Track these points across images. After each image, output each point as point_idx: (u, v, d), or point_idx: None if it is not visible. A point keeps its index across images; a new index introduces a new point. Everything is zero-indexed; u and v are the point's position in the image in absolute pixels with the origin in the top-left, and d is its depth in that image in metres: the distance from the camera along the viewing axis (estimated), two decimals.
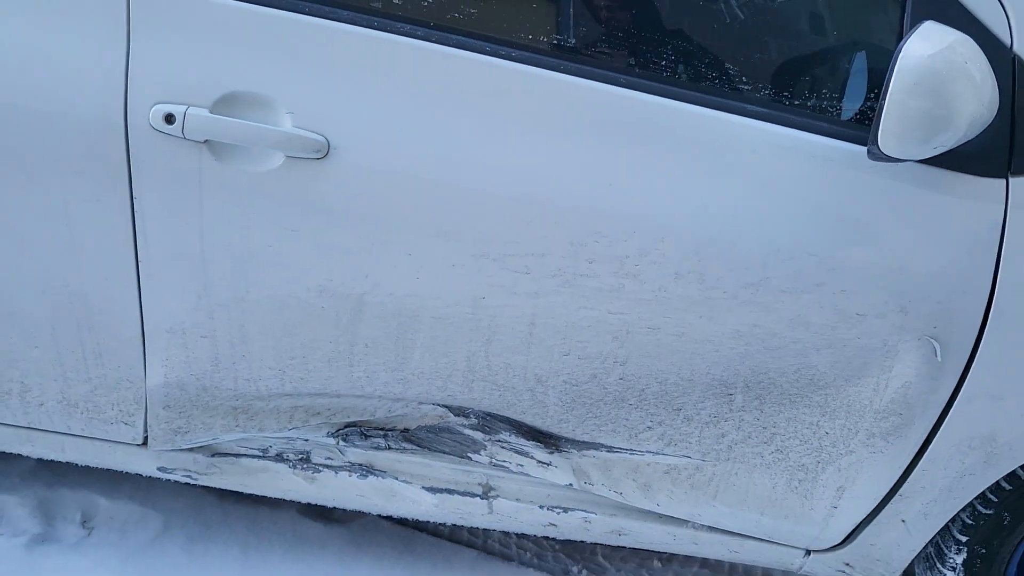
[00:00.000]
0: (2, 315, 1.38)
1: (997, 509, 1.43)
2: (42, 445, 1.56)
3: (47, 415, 1.49)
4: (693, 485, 1.49)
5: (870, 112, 1.24)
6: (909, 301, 1.25)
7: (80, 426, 1.51)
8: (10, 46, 1.21)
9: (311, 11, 1.21)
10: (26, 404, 1.48)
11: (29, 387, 1.46)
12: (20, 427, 1.53)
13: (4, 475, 1.78)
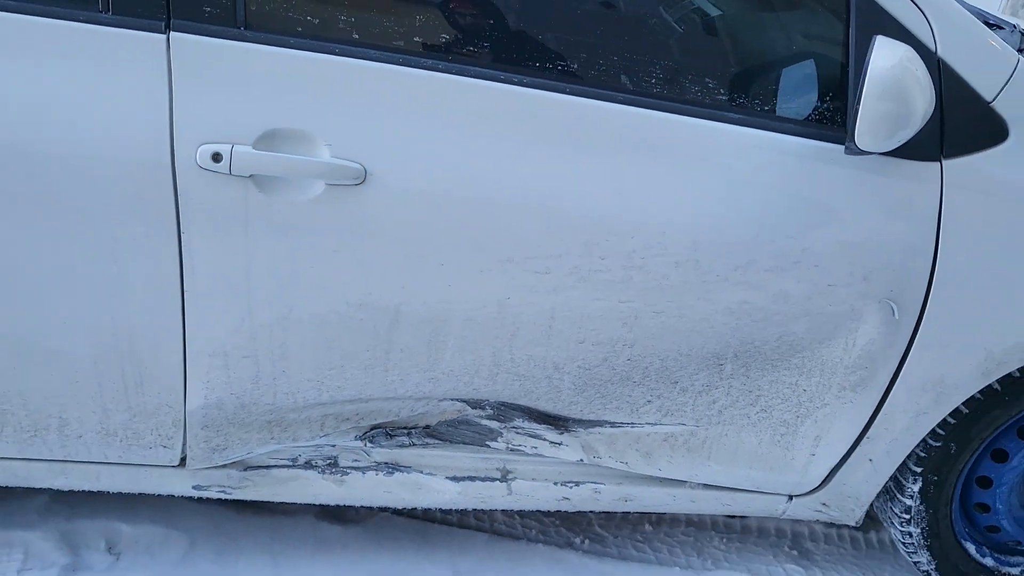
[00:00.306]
0: (45, 354, 1.44)
1: (945, 441, 1.67)
2: (76, 476, 1.62)
3: (85, 446, 1.56)
4: (689, 449, 1.68)
5: (826, 112, 1.46)
6: (870, 270, 1.47)
7: (118, 454, 1.58)
8: (58, 98, 1.28)
9: (341, 52, 1.33)
10: (64, 438, 1.54)
11: (68, 421, 1.52)
12: (55, 461, 1.59)
13: (20, 512, 1.81)
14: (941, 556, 1.80)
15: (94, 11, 1.29)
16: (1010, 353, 1.55)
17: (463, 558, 1.84)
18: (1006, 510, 1.78)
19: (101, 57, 1.29)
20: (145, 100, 1.30)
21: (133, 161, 1.31)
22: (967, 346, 1.55)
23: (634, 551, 1.93)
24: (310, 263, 1.39)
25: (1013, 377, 1.61)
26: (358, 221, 1.37)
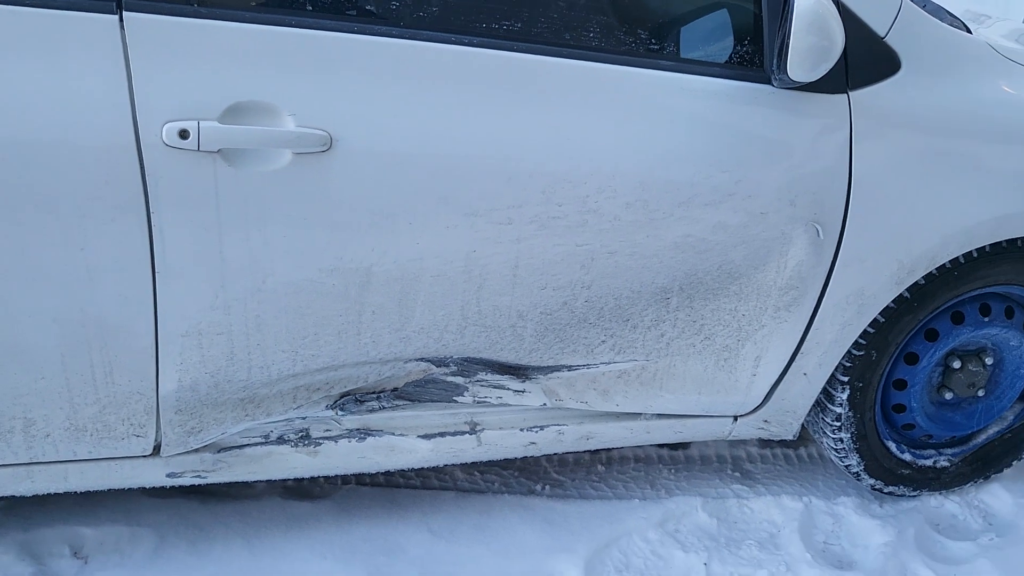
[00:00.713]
0: (8, 353, 1.40)
1: (867, 349, 1.85)
2: (43, 479, 1.58)
3: (52, 445, 1.53)
4: (642, 382, 1.79)
5: (745, 55, 1.59)
6: (796, 196, 1.61)
7: (88, 449, 1.55)
8: (13, 85, 1.25)
9: (298, 23, 1.36)
10: (30, 439, 1.51)
11: (33, 420, 1.49)
12: (20, 465, 1.55)
13: None
14: (868, 456, 1.98)
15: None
16: (917, 262, 1.74)
17: (435, 517, 1.90)
18: (920, 407, 1.98)
19: (54, 41, 1.27)
20: (103, 82, 1.29)
21: (96, 145, 1.30)
22: (882, 259, 1.72)
23: (592, 490, 2.04)
24: (282, 232, 1.41)
25: (919, 284, 1.80)
26: (326, 187, 1.40)
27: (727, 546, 1.88)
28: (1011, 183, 1.75)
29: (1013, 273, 1.86)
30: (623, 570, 1.80)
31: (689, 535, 1.91)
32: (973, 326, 1.91)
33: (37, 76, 1.27)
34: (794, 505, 2.00)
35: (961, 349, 1.96)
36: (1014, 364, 2.00)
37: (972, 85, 1.74)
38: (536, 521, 1.90)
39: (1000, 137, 1.75)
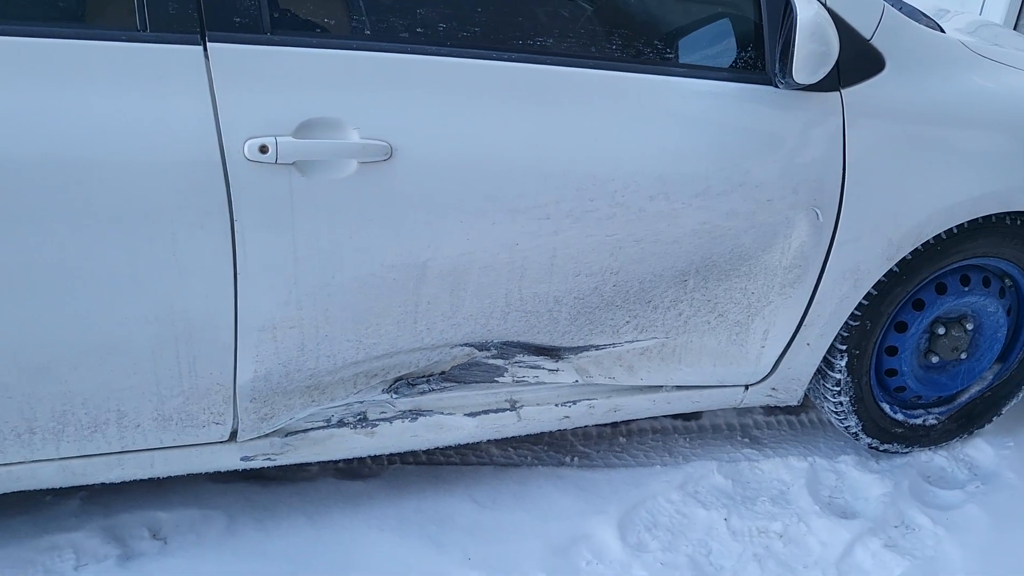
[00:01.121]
0: (106, 352, 1.56)
1: (862, 320, 2.05)
2: (132, 466, 1.74)
3: (142, 435, 1.69)
4: (663, 358, 1.98)
5: (748, 60, 1.78)
6: (798, 184, 1.81)
7: (172, 437, 1.71)
8: (113, 112, 1.41)
9: (359, 46, 1.53)
10: (122, 429, 1.67)
11: (126, 412, 1.65)
12: (112, 454, 1.71)
13: (57, 517, 1.90)
14: (866, 417, 2.19)
15: (133, 31, 1.43)
16: (905, 239, 1.93)
17: (477, 488, 2.08)
18: (910, 371, 2.18)
19: (148, 71, 1.43)
20: (192, 105, 1.45)
21: (187, 162, 1.46)
22: (874, 237, 1.91)
23: (616, 460, 2.23)
24: (348, 233, 1.58)
25: (906, 259, 2.00)
26: (387, 191, 1.57)
27: (743, 503, 2.08)
28: (984, 166, 1.95)
29: (989, 246, 2.07)
30: (652, 527, 1.99)
31: (708, 495, 2.10)
32: (955, 295, 2.12)
33: (134, 102, 1.42)
34: (800, 465, 2.21)
35: (945, 316, 2.17)
36: (991, 329, 2.22)
37: (948, 79, 1.94)
38: (569, 488, 2.09)
39: (974, 125, 1.95)
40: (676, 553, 1.93)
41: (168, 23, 1.44)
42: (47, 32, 1.39)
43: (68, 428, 1.63)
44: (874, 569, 1.91)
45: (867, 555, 1.95)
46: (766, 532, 2.00)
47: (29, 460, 1.65)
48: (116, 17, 1.45)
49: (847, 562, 1.93)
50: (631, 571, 1.88)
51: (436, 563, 1.87)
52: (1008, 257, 2.11)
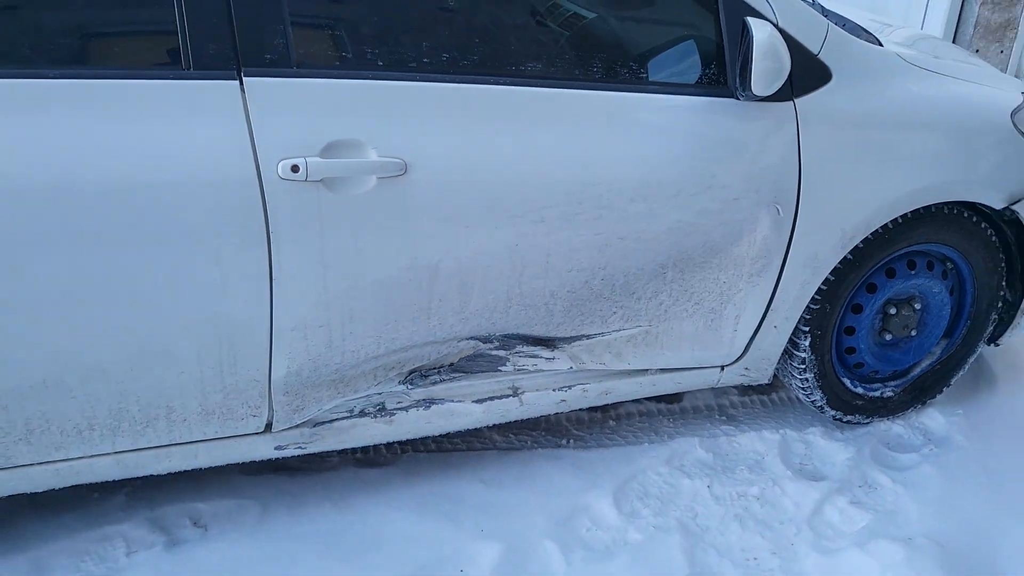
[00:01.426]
0: (158, 354, 1.76)
1: (821, 303, 2.29)
2: (179, 458, 1.93)
3: (188, 428, 1.88)
4: (647, 344, 2.21)
5: (711, 77, 2.02)
6: (760, 184, 2.05)
7: (215, 429, 1.91)
8: (162, 141, 1.61)
9: (374, 76, 1.75)
10: (171, 423, 1.86)
11: (174, 408, 1.85)
12: (162, 447, 1.90)
13: (104, 512, 2.09)
14: (829, 391, 2.43)
15: (179, 69, 1.64)
16: (856, 229, 2.18)
17: (484, 471, 2.29)
18: (866, 348, 2.43)
19: (192, 103, 1.64)
20: (231, 132, 1.66)
21: (228, 182, 1.66)
22: (829, 229, 2.16)
23: (608, 440, 2.45)
24: (370, 240, 1.79)
25: (858, 247, 2.24)
26: (403, 202, 1.79)
27: (723, 472, 2.32)
28: (921, 162, 2.21)
29: (930, 233, 2.32)
30: (643, 497, 2.22)
31: (692, 467, 2.33)
32: (903, 278, 2.38)
33: (181, 131, 1.63)
34: (773, 437, 2.45)
35: (895, 298, 2.42)
36: (937, 308, 2.47)
37: (886, 88, 2.19)
38: (567, 467, 2.31)
39: (911, 127, 2.20)
40: (666, 518, 2.16)
41: (209, 62, 1.65)
42: (107, 74, 1.59)
43: (123, 424, 1.82)
44: (841, 523, 2.15)
45: (835, 511, 2.19)
46: (745, 496, 2.23)
47: (88, 455, 1.84)
48: (165, 58, 1.65)
49: (817, 518, 2.17)
50: (627, 535, 2.10)
51: (454, 537, 2.08)
52: (948, 242, 2.37)
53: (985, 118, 2.32)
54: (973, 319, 2.54)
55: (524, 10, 2.04)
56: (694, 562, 2.02)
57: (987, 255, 2.43)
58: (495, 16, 1.96)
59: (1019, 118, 2.35)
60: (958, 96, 2.32)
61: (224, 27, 1.66)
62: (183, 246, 1.68)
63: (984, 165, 2.30)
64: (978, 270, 2.45)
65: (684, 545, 2.06)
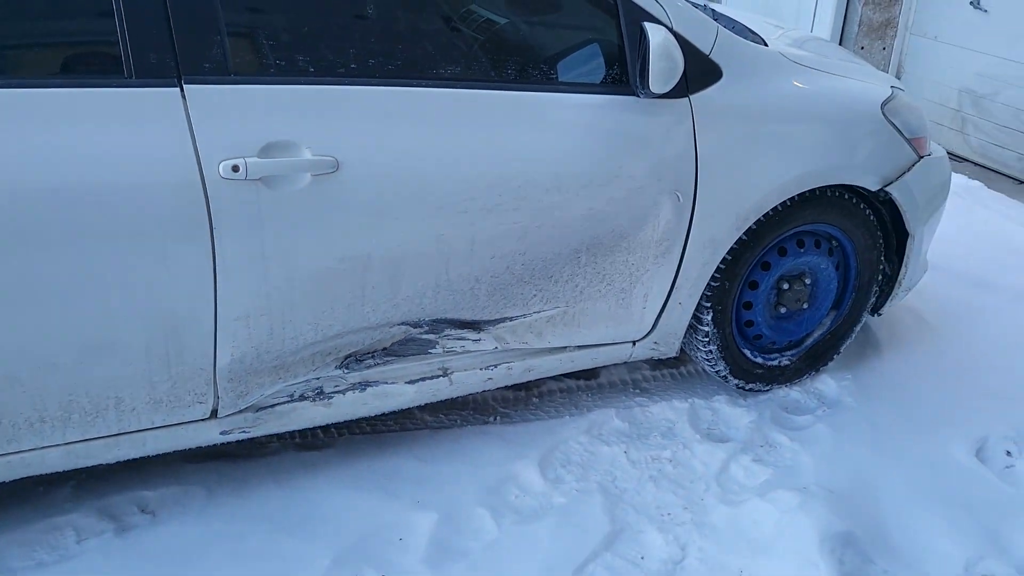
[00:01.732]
0: (107, 347, 1.86)
1: (721, 281, 2.51)
2: (128, 446, 2.03)
3: (136, 417, 1.99)
4: (566, 323, 2.40)
5: (615, 76, 2.21)
6: (661, 173, 2.25)
7: (163, 417, 2.02)
8: (110, 146, 1.72)
9: (306, 81, 1.89)
10: (120, 413, 1.96)
11: (123, 398, 1.95)
12: (111, 436, 2.00)
13: (53, 503, 2.17)
14: (732, 362, 2.66)
15: (122, 77, 1.75)
16: (749, 212, 2.41)
17: (417, 448, 2.45)
18: (763, 321, 2.67)
19: (137, 110, 1.75)
20: (174, 136, 1.78)
21: (172, 183, 1.78)
22: (725, 213, 2.38)
23: (532, 415, 2.63)
24: (307, 234, 1.93)
25: (752, 229, 2.47)
26: (337, 197, 1.93)
27: (638, 439, 2.52)
28: (805, 150, 2.45)
29: (816, 214, 2.57)
30: (566, 464, 2.41)
31: (609, 436, 2.53)
32: (793, 256, 2.62)
33: (126, 136, 1.74)
34: (682, 406, 2.67)
35: (788, 274, 2.66)
36: (825, 282, 2.73)
37: (771, 83, 2.43)
38: (495, 441, 2.48)
39: (794, 118, 2.45)
40: (587, 482, 2.35)
41: (150, 71, 1.77)
42: (54, 83, 1.70)
43: (73, 415, 1.92)
44: (745, 479, 2.38)
45: (739, 469, 2.42)
46: (658, 459, 2.44)
47: (39, 447, 1.93)
48: (108, 68, 1.76)
49: (724, 475, 2.39)
50: (552, 499, 2.28)
51: (392, 509, 2.23)
52: (832, 222, 2.63)
53: (859, 110, 2.58)
54: (857, 292, 2.80)
55: (442, 17, 2.21)
56: (615, 520, 2.22)
57: (866, 233, 2.69)
58: (417, 23, 2.13)
59: (888, 109, 2.62)
60: (836, 90, 2.58)
61: (164, 37, 1.77)
62: (131, 244, 1.79)
63: (860, 152, 2.56)
64: (859, 247, 2.72)
65: (605, 505, 2.26)
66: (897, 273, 2.84)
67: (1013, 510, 2.30)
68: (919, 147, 2.72)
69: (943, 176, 2.89)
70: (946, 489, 2.36)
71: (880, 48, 5.68)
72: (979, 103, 5.22)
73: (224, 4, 1.84)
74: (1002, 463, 2.51)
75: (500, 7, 2.32)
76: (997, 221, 4.30)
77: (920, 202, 2.73)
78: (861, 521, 2.20)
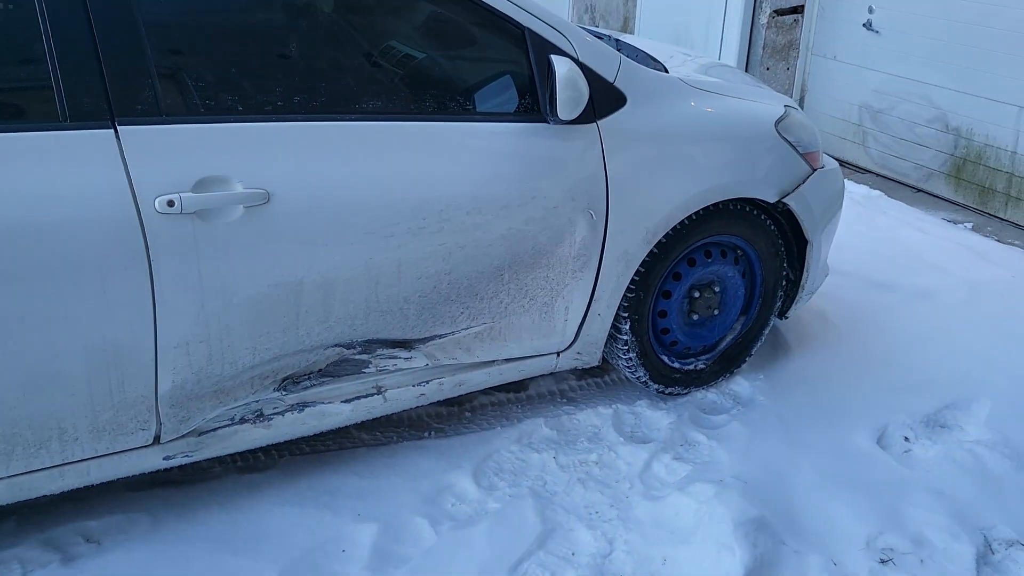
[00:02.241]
0: (49, 378, 1.93)
1: (636, 291, 2.68)
2: (71, 476, 2.09)
3: (80, 446, 2.05)
4: (492, 338, 2.53)
5: (527, 105, 2.37)
6: (576, 194, 2.42)
7: (106, 446, 2.09)
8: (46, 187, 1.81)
9: (235, 119, 2.00)
10: (63, 443, 2.03)
11: (66, 428, 2.02)
12: (55, 467, 2.06)
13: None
14: (651, 368, 2.83)
15: (55, 121, 1.84)
16: (658, 226, 2.59)
17: (356, 464, 2.55)
18: (678, 328, 2.85)
19: (73, 151, 1.84)
20: (109, 175, 1.87)
21: (109, 219, 1.87)
22: (636, 228, 2.55)
23: (465, 429, 2.76)
24: (241, 262, 2.03)
25: (662, 242, 2.65)
26: (268, 227, 2.04)
27: (566, 444, 2.67)
28: (707, 167, 2.65)
29: (721, 226, 2.77)
30: (499, 472, 2.54)
31: (539, 443, 2.67)
32: (702, 266, 2.81)
33: (63, 176, 1.83)
34: (607, 411, 2.83)
35: (698, 283, 2.85)
36: (734, 289, 2.93)
37: (673, 107, 2.62)
38: (430, 454, 2.60)
39: (695, 138, 2.64)
40: (519, 488, 2.48)
41: (84, 113, 1.86)
42: None
43: (17, 448, 1.98)
44: (667, 475, 2.54)
45: (661, 467, 2.58)
46: (585, 462, 2.59)
47: None
48: (43, 112, 1.85)
49: (647, 473, 2.55)
50: (487, 505, 2.41)
51: (333, 523, 2.32)
52: (737, 233, 2.82)
53: (755, 128, 2.79)
54: (764, 297, 3.00)
55: (363, 53, 2.34)
56: (546, 520, 2.35)
57: (768, 242, 2.90)
58: (339, 60, 2.26)
59: (782, 127, 2.84)
60: (733, 111, 2.79)
61: (96, 81, 1.87)
62: (72, 278, 1.87)
63: (758, 167, 2.76)
64: (763, 255, 2.92)
65: (536, 507, 2.39)
66: (799, 278, 3.05)
67: (909, 490, 2.51)
68: (812, 161, 2.95)
69: (836, 186, 3.12)
70: (850, 474, 2.56)
71: (784, 68, 6.00)
72: (877, 117, 5.56)
73: (153, 47, 1.95)
74: (901, 448, 2.72)
75: (418, 42, 2.47)
76: (896, 227, 4.59)
77: (816, 211, 2.95)
78: (773, 507, 2.37)
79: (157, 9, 2.02)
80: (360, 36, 2.38)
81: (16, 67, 1.90)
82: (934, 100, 5.14)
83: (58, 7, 1.85)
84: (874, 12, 5.39)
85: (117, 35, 1.90)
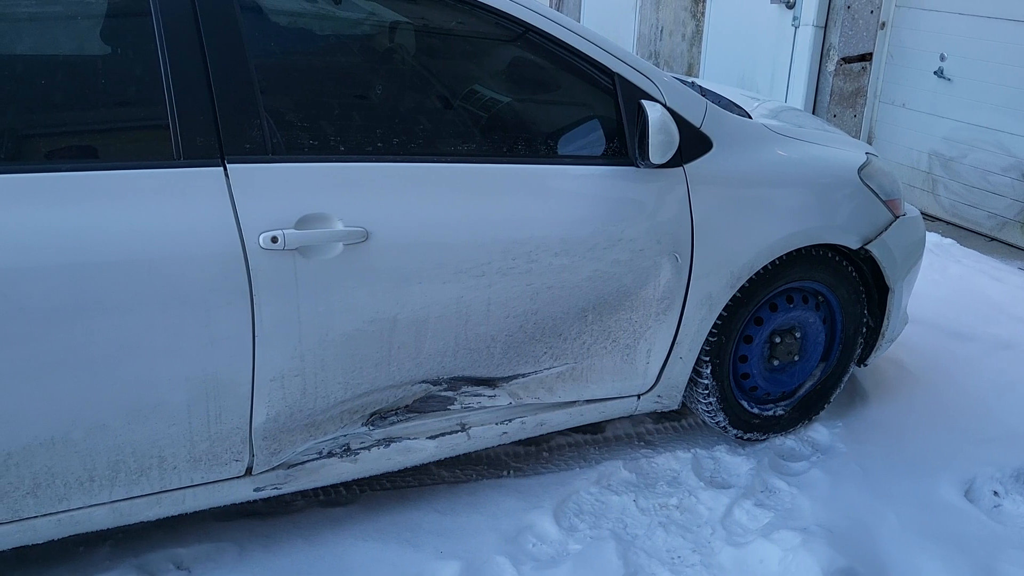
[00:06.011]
0: (151, 408, 1.99)
1: (718, 335, 2.68)
2: (169, 504, 2.14)
3: (177, 475, 2.11)
4: (575, 379, 2.55)
5: (615, 149, 2.40)
6: (661, 236, 2.44)
7: (202, 475, 2.14)
8: (159, 220, 1.88)
9: (338, 159, 2.07)
10: (163, 472, 2.08)
11: (165, 457, 2.07)
12: (152, 494, 2.11)
13: (93, 562, 2.27)
14: (730, 413, 2.81)
15: (171, 159, 1.92)
16: (742, 271, 2.59)
17: (437, 502, 2.56)
18: (758, 373, 2.84)
19: (184, 188, 1.92)
20: (218, 211, 1.94)
21: (216, 254, 1.94)
22: (719, 271, 2.56)
23: (543, 469, 2.76)
24: (339, 298, 2.08)
25: (745, 286, 2.65)
26: (366, 265, 2.09)
27: (646, 488, 2.65)
28: (790, 213, 2.65)
29: (803, 272, 2.76)
30: (579, 513, 2.53)
31: (618, 486, 2.66)
32: (784, 311, 2.80)
33: (174, 212, 1.90)
34: (685, 455, 2.81)
35: (779, 328, 2.84)
36: (814, 335, 2.90)
37: (757, 152, 2.63)
38: (510, 493, 2.60)
39: (779, 184, 2.65)
40: (600, 530, 2.47)
41: (197, 152, 1.94)
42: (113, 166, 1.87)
43: (120, 474, 2.04)
44: (748, 522, 2.51)
45: (743, 513, 2.55)
46: (666, 506, 2.57)
47: (88, 505, 2.04)
48: (159, 151, 1.93)
49: (729, 519, 2.52)
50: (568, 546, 2.40)
51: (415, 559, 2.34)
52: (818, 279, 2.81)
53: (838, 175, 2.79)
54: (844, 344, 2.97)
55: (457, 97, 2.41)
56: (628, 563, 2.34)
57: (850, 288, 2.88)
58: (434, 104, 2.32)
59: (864, 174, 2.83)
60: (816, 157, 2.79)
61: (209, 121, 1.95)
62: (178, 311, 1.94)
63: (840, 213, 2.76)
64: (844, 301, 2.90)
65: (618, 550, 2.38)
66: (880, 326, 3.02)
67: (1003, 546, 2.44)
68: (894, 208, 2.93)
69: (918, 234, 3.09)
70: (938, 527, 2.50)
71: (851, 116, 5.98)
72: (948, 165, 5.50)
73: (262, 90, 2.03)
74: (990, 502, 2.66)
75: (509, 87, 2.52)
76: (971, 276, 4.52)
77: (898, 259, 2.92)
78: (861, 558, 2.33)
79: (267, 54, 2.11)
80: (455, 81, 2.44)
81: (137, 108, 1.99)
82: (1009, 148, 5.08)
83: (177, 51, 1.94)
84: (946, 60, 5.37)
85: (231, 78, 1.99)
